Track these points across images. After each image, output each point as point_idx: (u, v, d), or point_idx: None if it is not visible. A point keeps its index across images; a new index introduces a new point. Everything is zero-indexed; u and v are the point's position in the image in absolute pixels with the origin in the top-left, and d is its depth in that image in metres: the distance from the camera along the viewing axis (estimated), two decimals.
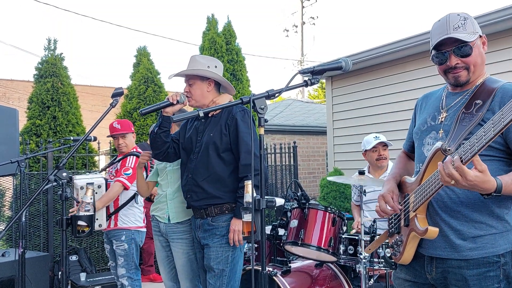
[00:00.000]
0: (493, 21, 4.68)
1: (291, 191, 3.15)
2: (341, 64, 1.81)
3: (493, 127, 1.30)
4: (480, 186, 1.37)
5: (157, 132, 2.58)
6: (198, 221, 2.57)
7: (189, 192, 2.55)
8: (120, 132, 3.59)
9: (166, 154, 2.67)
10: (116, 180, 3.41)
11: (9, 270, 4.00)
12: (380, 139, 3.67)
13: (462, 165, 1.35)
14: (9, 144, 4.04)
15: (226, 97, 2.69)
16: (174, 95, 2.51)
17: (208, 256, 2.49)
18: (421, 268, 1.70)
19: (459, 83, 1.67)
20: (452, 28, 1.63)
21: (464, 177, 1.36)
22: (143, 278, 5.23)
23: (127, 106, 6.42)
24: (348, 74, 6.62)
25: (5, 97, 17.15)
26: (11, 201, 5.28)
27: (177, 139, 2.71)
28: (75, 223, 2.52)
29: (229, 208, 2.48)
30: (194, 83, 2.60)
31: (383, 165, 3.70)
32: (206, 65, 2.59)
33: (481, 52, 1.67)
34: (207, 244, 2.50)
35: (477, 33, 1.65)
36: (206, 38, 6.75)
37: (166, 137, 2.61)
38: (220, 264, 2.45)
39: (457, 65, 1.64)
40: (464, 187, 1.39)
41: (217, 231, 2.48)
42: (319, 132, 10.94)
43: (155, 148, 2.65)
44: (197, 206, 2.53)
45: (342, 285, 3.13)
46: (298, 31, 22.22)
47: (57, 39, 6.01)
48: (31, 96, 5.89)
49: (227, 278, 2.45)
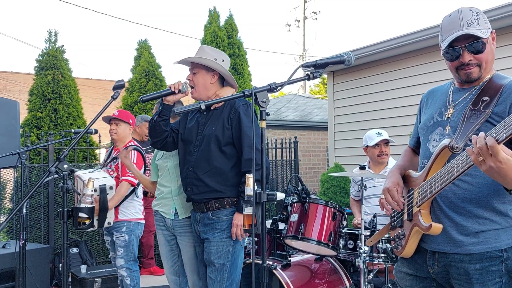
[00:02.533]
0: (498, 17, 4.66)
1: (291, 186, 3.15)
2: (344, 58, 1.80)
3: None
4: (508, 171, 1.29)
5: (156, 120, 2.56)
6: (198, 215, 2.56)
7: (190, 185, 2.53)
8: (115, 117, 3.56)
9: (165, 143, 2.65)
10: (122, 179, 3.40)
11: (10, 261, 4.01)
12: (383, 136, 3.66)
13: (496, 143, 1.26)
14: (10, 136, 4.04)
15: (229, 91, 2.66)
16: (176, 83, 2.49)
17: (208, 250, 2.48)
18: (423, 262, 1.70)
19: (470, 79, 1.65)
20: (466, 24, 1.60)
21: (494, 156, 1.27)
22: (143, 271, 5.26)
23: (128, 99, 6.42)
24: (350, 69, 6.60)
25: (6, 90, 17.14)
26: (12, 193, 5.28)
27: (176, 129, 2.70)
28: (76, 215, 2.53)
29: (230, 202, 2.48)
30: (199, 72, 2.57)
31: (383, 161, 3.70)
32: (213, 57, 2.56)
33: (492, 49, 1.65)
34: (207, 238, 2.49)
35: (489, 29, 1.63)
36: (207, 31, 6.73)
37: (165, 126, 2.59)
38: (221, 259, 2.44)
39: (470, 62, 1.61)
40: (490, 169, 1.30)
41: (218, 225, 2.47)
42: (320, 127, 10.94)
43: (153, 136, 2.63)
44: (197, 199, 2.52)
45: (341, 279, 3.15)
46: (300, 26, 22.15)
47: (58, 32, 6.00)
48: (32, 89, 5.88)
49: (228, 273, 2.45)
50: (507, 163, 1.28)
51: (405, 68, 5.93)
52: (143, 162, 3.56)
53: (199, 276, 2.74)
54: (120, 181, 3.41)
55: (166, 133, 2.62)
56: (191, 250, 2.72)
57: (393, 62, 6.08)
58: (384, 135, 3.68)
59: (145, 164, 3.57)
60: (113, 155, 3.63)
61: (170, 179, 2.79)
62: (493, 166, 1.29)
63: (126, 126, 3.62)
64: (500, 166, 1.28)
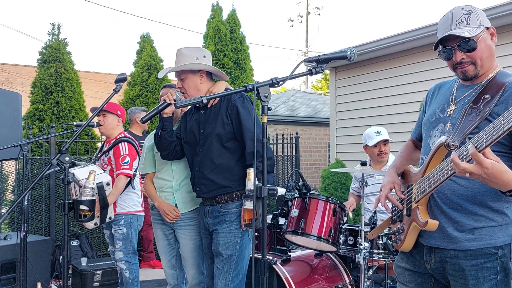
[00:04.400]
0: (501, 14, 4.64)
1: (292, 181, 3.15)
2: (346, 54, 1.80)
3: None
4: (497, 176, 1.32)
5: (161, 135, 2.60)
6: (207, 208, 2.58)
7: (198, 185, 2.56)
8: (103, 108, 3.49)
9: (175, 153, 2.69)
10: (119, 173, 3.37)
11: (11, 253, 4.03)
12: (382, 136, 3.64)
13: (477, 153, 1.29)
14: (12, 128, 4.05)
15: (222, 84, 2.67)
16: (169, 94, 2.51)
17: (216, 241, 2.51)
18: (420, 257, 1.71)
19: (467, 77, 1.65)
20: (455, 24, 1.61)
21: (479, 164, 1.30)
22: (143, 264, 5.28)
23: (130, 93, 6.41)
24: (352, 65, 6.58)
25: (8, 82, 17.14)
26: (13, 185, 5.30)
27: (179, 135, 2.71)
28: (77, 207, 2.54)
29: (239, 195, 2.50)
30: (186, 78, 2.57)
31: (383, 160, 3.70)
32: (194, 57, 2.56)
33: (489, 45, 1.63)
34: (216, 229, 2.52)
35: (483, 26, 1.62)
36: (210, 26, 6.71)
37: (171, 137, 2.63)
38: (229, 250, 2.47)
39: (463, 60, 1.62)
40: (480, 178, 1.33)
41: (226, 217, 2.50)
42: (321, 123, 10.93)
43: (162, 150, 2.67)
44: (207, 197, 2.56)
45: (341, 275, 3.15)
46: (303, 21, 22.09)
47: (61, 24, 5.99)
48: (34, 81, 5.88)
49: (235, 264, 2.47)
50: (493, 167, 1.31)
51: (408, 64, 5.91)
52: (137, 153, 3.51)
53: (199, 270, 2.75)
54: (116, 175, 3.38)
55: (174, 143, 2.65)
56: (190, 243, 2.74)
57: (396, 59, 6.06)
58: (383, 134, 3.66)
59: (138, 155, 3.53)
60: (104, 148, 3.60)
61: (171, 173, 2.80)
62: (481, 173, 1.32)
63: (114, 117, 3.56)
64: (487, 172, 1.31)
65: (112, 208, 3.35)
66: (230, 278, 2.45)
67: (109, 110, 3.53)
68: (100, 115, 3.54)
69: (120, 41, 50.56)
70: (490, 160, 1.30)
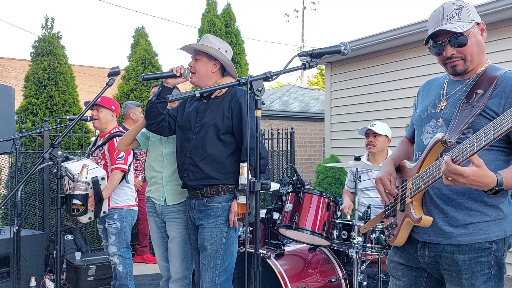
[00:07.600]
0: (494, 10, 4.64)
1: (286, 176, 3.15)
2: (340, 48, 1.80)
3: (493, 131, 1.30)
4: (479, 180, 1.36)
5: (154, 102, 2.55)
6: (193, 201, 2.56)
7: (186, 171, 2.54)
8: (96, 103, 3.36)
9: (160, 126, 2.63)
10: (114, 168, 3.36)
11: (4, 247, 4.02)
12: (372, 127, 3.66)
13: (453, 166, 1.36)
14: (5, 123, 4.02)
15: (229, 80, 2.66)
16: (179, 67, 2.48)
17: (202, 236, 2.49)
18: (414, 252, 1.72)
19: (457, 72, 1.66)
20: (446, 19, 1.61)
21: (461, 175, 1.35)
22: (137, 257, 5.28)
23: (124, 87, 6.39)
24: (348, 60, 6.58)
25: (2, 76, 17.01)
26: (6, 179, 5.28)
27: (174, 116, 2.68)
28: (70, 201, 2.53)
29: (225, 189, 2.48)
30: (201, 60, 2.56)
31: (372, 152, 3.70)
32: (217, 46, 2.56)
33: (479, 40, 1.64)
34: (202, 224, 2.50)
35: (473, 21, 1.62)
36: (205, 20, 6.68)
37: (162, 109, 2.58)
38: (214, 245, 2.45)
39: (453, 55, 1.63)
40: (463, 184, 1.38)
41: (212, 211, 2.48)
42: (316, 118, 10.93)
43: (149, 118, 2.61)
44: (192, 185, 2.52)
45: (334, 269, 3.17)
46: (298, 16, 22.05)
47: (55, 18, 5.94)
48: (28, 75, 5.84)
49: (221, 259, 2.46)
50: (474, 174, 1.35)
51: (403, 59, 5.91)
52: (131, 149, 3.50)
53: (184, 264, 2.75)
54: (112, 169, 3.37)
55: (162, 116, 2.61)
56: (177, 236, 2.73)
57: (391, 54, 6.06)
58: (376, 126, 3.66)
59: (133, 150, 3.52)
60: (98, 143, 3.58)
61: (163, 165, 2.80)
62: (464, 182, 1.37)
63: (107, 112, 3.54)
64: (469, 179, 1.35)
65: (107, 202, 3.34)
66: (217, 274, 2.44)
67: (103, 104, 3.51)
68: (94, 109, 3.52)
69: (114, 35, 50.27)
70: (470, 168, 1.35)
